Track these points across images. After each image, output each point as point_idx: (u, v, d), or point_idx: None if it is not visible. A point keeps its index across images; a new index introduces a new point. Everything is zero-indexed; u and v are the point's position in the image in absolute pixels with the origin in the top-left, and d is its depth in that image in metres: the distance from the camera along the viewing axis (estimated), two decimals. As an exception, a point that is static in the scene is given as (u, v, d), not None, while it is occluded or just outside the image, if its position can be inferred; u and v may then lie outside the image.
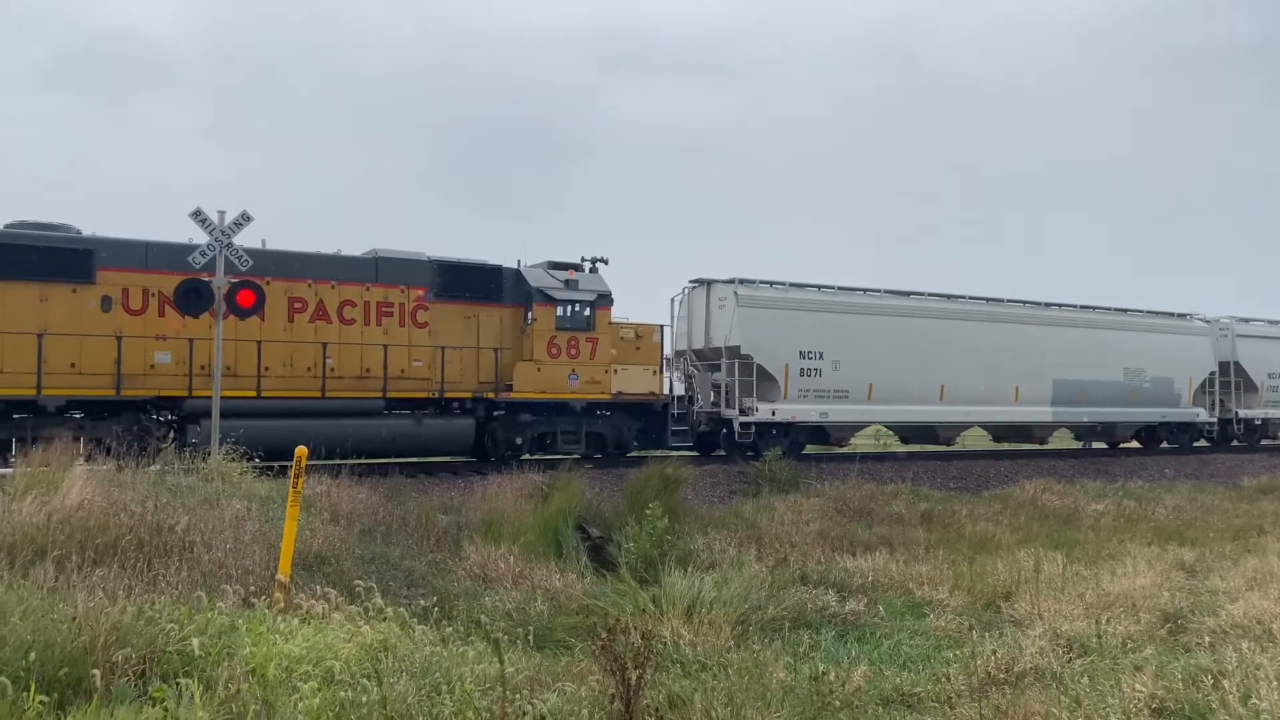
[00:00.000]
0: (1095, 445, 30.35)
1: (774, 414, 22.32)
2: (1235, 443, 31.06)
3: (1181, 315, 30.55)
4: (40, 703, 4.23)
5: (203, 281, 14.61)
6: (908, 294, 25.39)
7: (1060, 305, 28.03)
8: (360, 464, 15.92)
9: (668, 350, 22.78)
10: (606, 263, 21.81)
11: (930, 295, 25.73)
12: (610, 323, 21.08)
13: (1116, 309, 29.17)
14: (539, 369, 19.96)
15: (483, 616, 7.64)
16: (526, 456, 19.47)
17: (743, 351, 22.18)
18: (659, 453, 21.31)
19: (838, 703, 6.57)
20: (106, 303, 16.63)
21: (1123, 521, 16.94)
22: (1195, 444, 30.58)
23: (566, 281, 20.58)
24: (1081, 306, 28.43)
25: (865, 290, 24.85)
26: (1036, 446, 28.22)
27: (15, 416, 15.90)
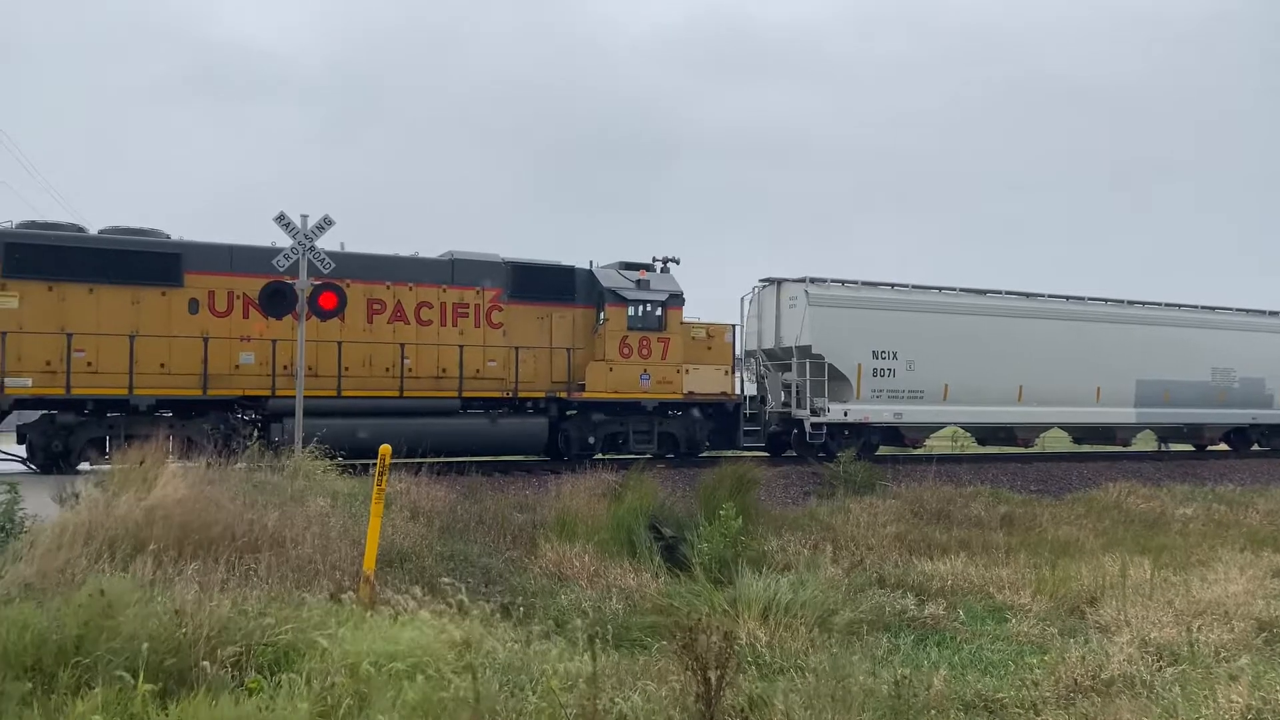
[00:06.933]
0: (1176, 447, 29.43)
1: (846, 414, 22.09)
2: (1331, 446, 29.82)
3: (1274, 313, 29.43)
4: (148, 692, 4.41)
5: (286, 284, 14.99)
6: (984, 292, 24.91)
7: (1144, 303, 27.24)
8: (438, 462, 16.17)
9: (738, 350, 22.71)
10: (678, 262, 21.87)
11: (1008, 293, 25.21)
12: (682, 322, 21.11)
13: (1204, 307, 28.25)
14: (611, 369, 20.07)
15: (578, 619, 7.71)
16: (599, 456, 19.59)
17: (814, 351, 22.00)
18: (730, 453, 21.25)
19: (920, 707, 6.49)
20: (194, 305, 17.17)
21: (1213, 526, 16.41)
22: (1288, 447, 29.46)
23: (638, 282, 20.66)
24: (1166, 305, 27.59)
25: (940, 289, 24.45)
26: (1119, 449, 27.46)
27: (109, 415, 16.52)
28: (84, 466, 16.02)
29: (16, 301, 15.96)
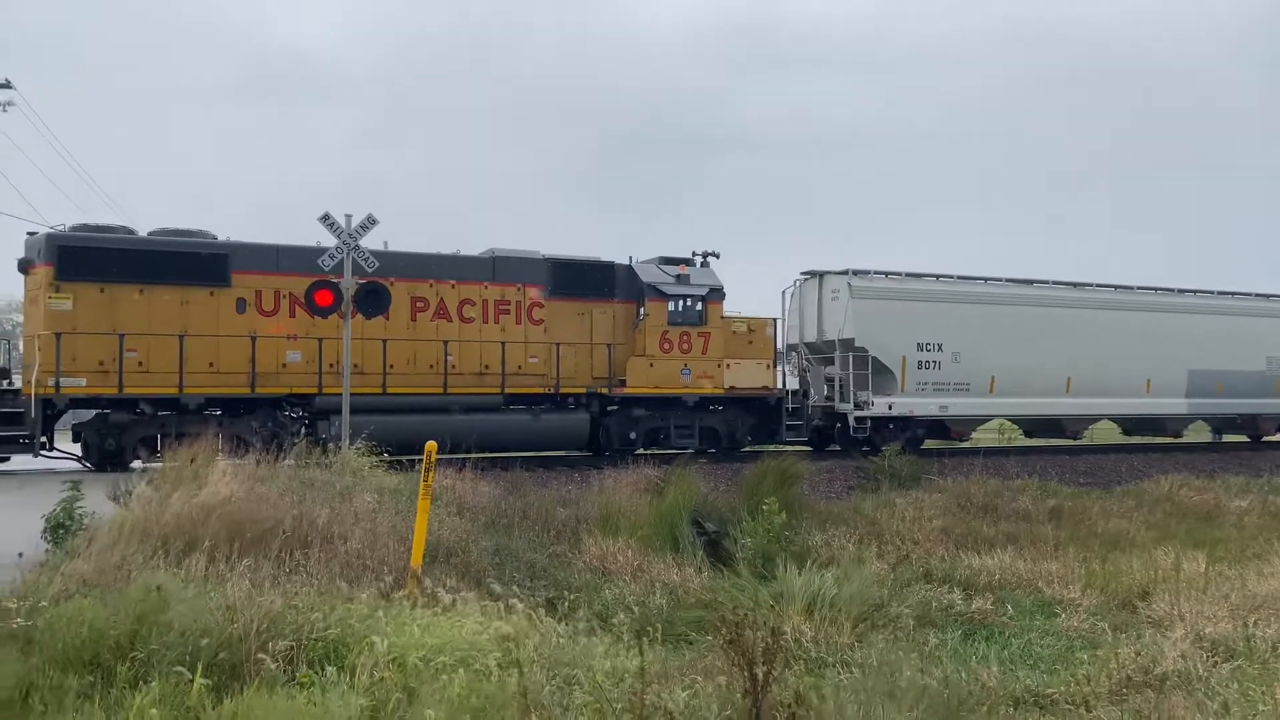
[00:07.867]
0: (1230, 438, 28.83)
1: (890, 408, 21.91)
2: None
3: (1331, 300, 28.69)
4: (203, 686, 4.50)
5: (332, 283, 15.15)
6: (1031, 282, 24.58)
7: (1196, 291, 26.71)
8: (482, 458, 16.30)
9: (780, 344, 22.60)
10: (718, 256, 21.82)
11: (1056, 283, 24.86)
12: (722, 317, 21.06)
13: (1258, 294, 27.62)
14: (651, 364, 20.07)
15: (623, 614, 7.74)
16: (640, 451, 19.61)
17: (857, 344, 21.82)
18: (773, 447, 21.17)
19: (973, 703, 6.42)
20: (241, 304, 17.43)
21: (1269, 519, 16.03)
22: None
23: (678, 276, 20.64)
24: (1219, 293, 27.03)
25: (986, 279, 24.15)
26: (1170, 440, 26.97)
27: (160, 414, 16.84)
28: (136, 464, 16.34)
29: (70, 303, 16.32)
